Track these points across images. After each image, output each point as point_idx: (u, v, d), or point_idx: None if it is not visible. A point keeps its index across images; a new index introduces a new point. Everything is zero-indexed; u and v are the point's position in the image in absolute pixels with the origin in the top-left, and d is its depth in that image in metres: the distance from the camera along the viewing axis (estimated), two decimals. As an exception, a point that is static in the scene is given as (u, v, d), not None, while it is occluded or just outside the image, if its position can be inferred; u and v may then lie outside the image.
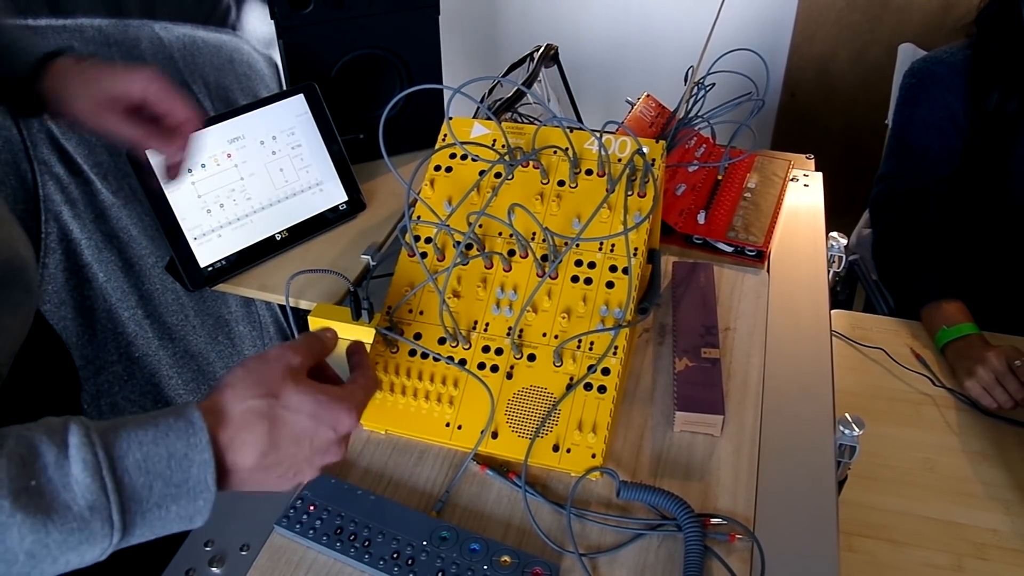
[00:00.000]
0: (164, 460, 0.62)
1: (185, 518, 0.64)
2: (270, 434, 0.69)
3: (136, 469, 0.61)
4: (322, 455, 0.73)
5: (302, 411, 0.71)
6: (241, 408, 0.68)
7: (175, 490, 0.62)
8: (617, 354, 0.95)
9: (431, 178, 1.08)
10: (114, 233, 1.58)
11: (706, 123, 1.31)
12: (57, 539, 0.58)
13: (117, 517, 0.60)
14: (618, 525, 0.88)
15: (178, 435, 0.63)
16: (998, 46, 1.57)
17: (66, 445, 0.59)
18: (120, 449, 0.61)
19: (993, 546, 1.21)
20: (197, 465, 0.63)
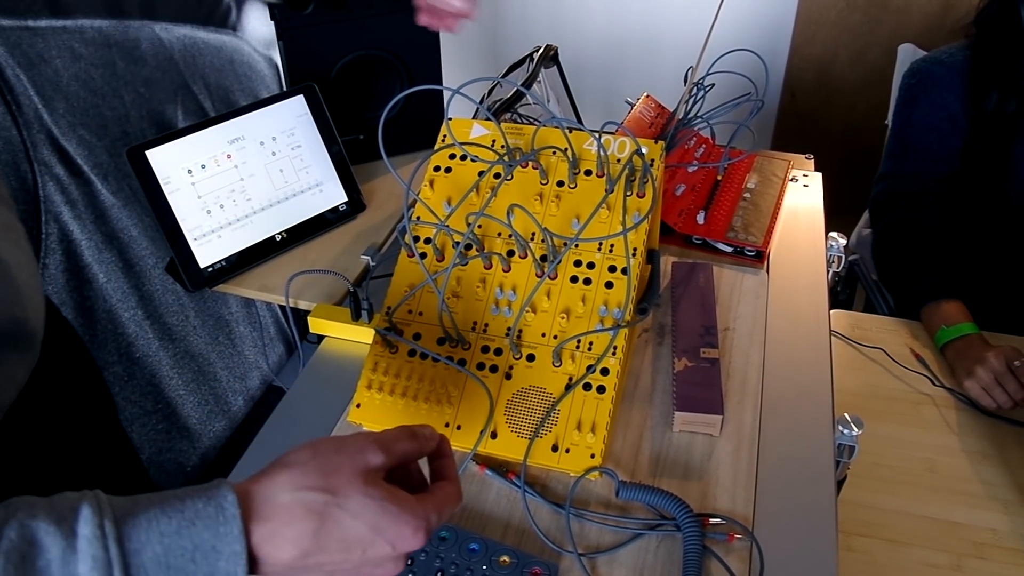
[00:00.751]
0: (188, 554, 0.56)
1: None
2: (317, 535, 0.61)
3: (154, 565, 0.55)
4: (372, 568, 0.64)
5: (361, 518, 0.62)
6: (291, 498, 0.61)
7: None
8: (616, 354, 0.95)
9: (430, 179, 1.08)
10: (114, 234, 1.58)
11: (706, 124, 1.31)
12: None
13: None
14: (617, 525, 0.88)
15: (206, 524, 0.57)
16: (997, 47, 1.57)
17: (75, 536, 0.53)
18: (137, 542, 0.55)
19: (992, 545, 1.21)
20: (226, 558, 0.57)
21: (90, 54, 1.47)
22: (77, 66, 1.44)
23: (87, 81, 1.46)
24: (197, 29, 1.71)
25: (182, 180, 1.17)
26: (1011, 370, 1.37)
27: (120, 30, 1.52)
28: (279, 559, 0.60)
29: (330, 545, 0.61)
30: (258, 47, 1.92)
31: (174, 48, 1.64)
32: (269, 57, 1.97)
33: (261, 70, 1.94)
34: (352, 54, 1.37)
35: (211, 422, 1.93)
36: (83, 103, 1.45)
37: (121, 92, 1.53)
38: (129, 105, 1.55)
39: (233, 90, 1.83)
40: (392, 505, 0.63)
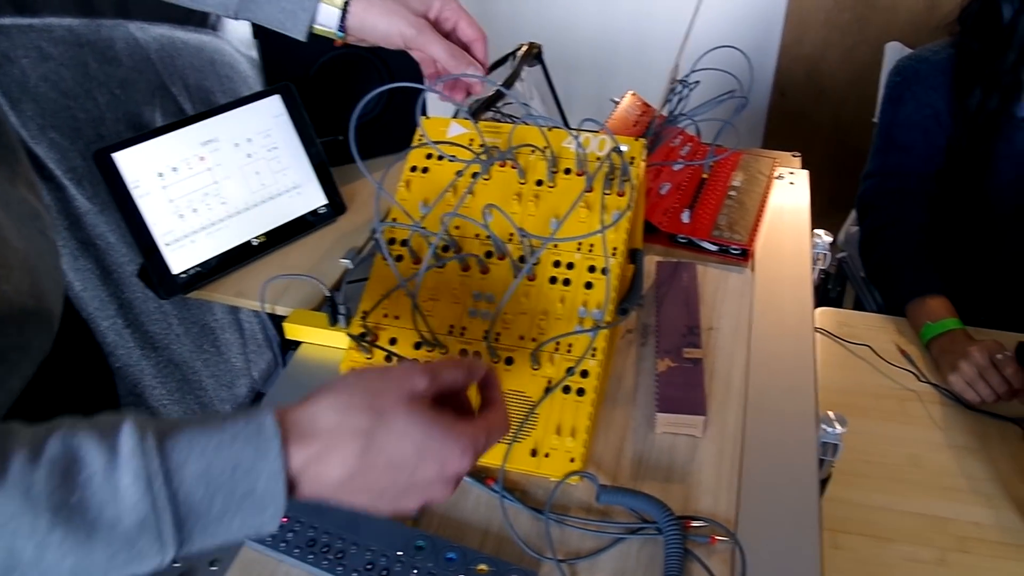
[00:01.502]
0: (228, 471, 0.56)
1: (250, 528, 0.58)
2: (363, 456, 0.61)
3: (195, 481, 0.55)
4: (422, 491, 0.65)
5: (408, 438, 0.63)
6: (337, 419, 0.62)
7: (239, 503, 0.57)
8: (596, 356, 0.93)
9: (407, 179, 1.06)
10: (90, 240, 1.55)
11: (691, 121, 1.30)
12: (101, 559, 0.53)
13: (170, 534, 0.54)
14: (598, 530, 0.87)
15: (245, 442, 0.57)
16: (980, 44, 1.57)
17: (117, 451, 0.54)
18: (178, 458, 0.55)
19: (976, 539, 1.21)
20: (266, 476, 0.57)
21: (60, 54, 1.44)
22: (46, 66, 1.41)
23: (57, 82, 1.43)
24: (175, 28, 1.69)
25: (152, 184, 1.15)
26: (994, 364, 1.37)
27: (92, 29, 1.50)
28: (327, 480, 0.61)
29: (377, 466, 0.62)
30: (240, 47, 1.90)
31: (151, 48, 1.62)
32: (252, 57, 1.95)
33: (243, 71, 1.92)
34: (331, 52, 1.35)
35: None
36: (53, 105, 1.42)
37: (95, 93, 1.50)
38: (104, 107, 1.52)
39: (214, 91, 1.81)
40: (438, 427, 0.64)
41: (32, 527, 0.50)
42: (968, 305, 1.51)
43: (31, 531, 0.50)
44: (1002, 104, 1.56)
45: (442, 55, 0.97)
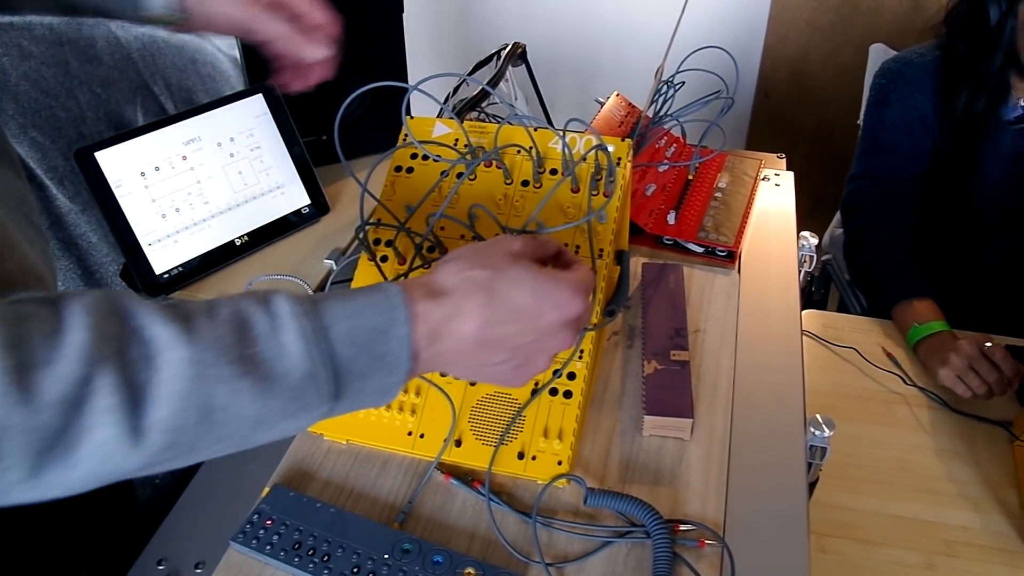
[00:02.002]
0: (367, 333, 0.61)
1: (379, 393, 0.64)
2: (490, 306, 0.67)
3: (342, 340, 0.60)
4: (549, 339, 0.70)
5: (524, 285, 0.68)
6: (458, 279, 0.68)
7: (375, 363, 0.62)
8: (583, 358, 0.93)
9: (392, 179, 1.05)
10: (72, 240, 1.54)
11: (676, 122, 1.29)
12: (278, 406, 0.58)
13: (327, 388, 0.60)
14: (585, 533, 0.86)
15: (378, 309, 0.63)
16: (966, 46, 1.57)
17: (276, 314, 0.59)
18: (327, 319, 0.60)
19: (963, 543, 1.21)
20: (395, 340, 0.63)
21: (41, 52, 1.42)
22: (26, 65, 1.40)
23: (38, 81, 1.41)
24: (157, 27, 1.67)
25: (135, 183, 1.14)
26: (983, 353, 1.37)
27: (73, 28, 1.48)
28: (465, 333, 0.66)
29: (504, 316, 0.67)
30: (222, 47, 1.88)
31: (132, 47, 1.60)
32: (234, 57, 1.93)
33: (225, 70, 1.90)
34: (313, 52, 1.33)
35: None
36: (34, 104, 1.41)
37: (76, 92, 1.49)
38: (85, 106, 1.51)
39: (196, 91, 1.79)
40: (546, 273, 0.70)
41: (224, 375, 0.55)
42: (953, 308, 1.51)
43: (223, 378, 0.55)
44: (988, 107, 1.56)
45: (280, 33, 0.95)
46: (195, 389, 0.54)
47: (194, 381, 0.54)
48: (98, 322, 0.53)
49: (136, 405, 0.52)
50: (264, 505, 0.87)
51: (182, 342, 0.54)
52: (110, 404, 0.51)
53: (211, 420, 0.56)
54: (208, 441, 0.57)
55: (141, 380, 0.53)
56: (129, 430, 0.52)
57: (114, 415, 0.52)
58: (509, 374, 0.72)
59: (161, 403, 0.53)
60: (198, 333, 0.55)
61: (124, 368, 0.52)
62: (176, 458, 0.57)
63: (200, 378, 0.54)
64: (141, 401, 0.53)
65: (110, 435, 0.52)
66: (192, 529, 0.88)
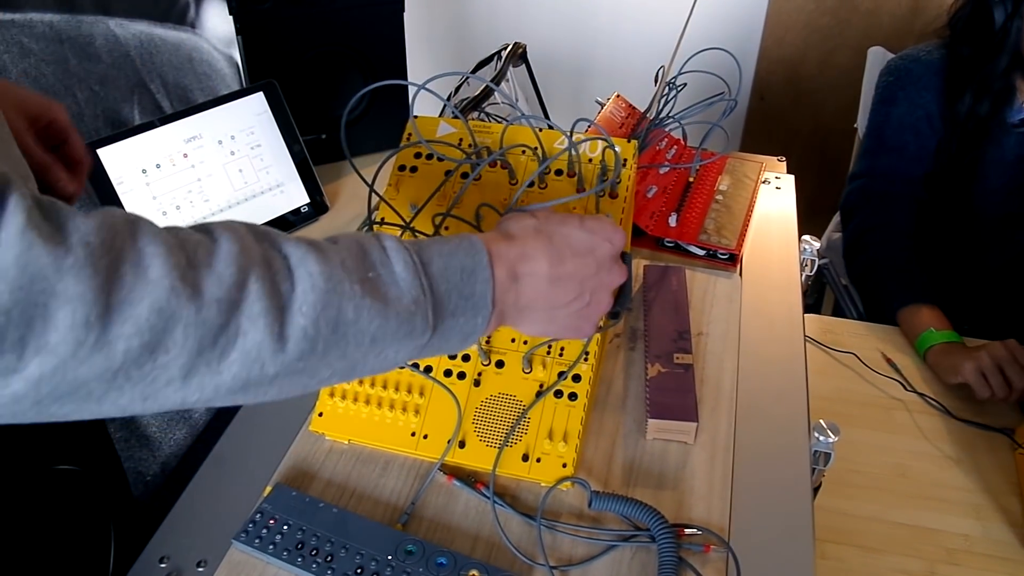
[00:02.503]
0: (458, 272, 0.65)
1: (464, 334, 0.67)
2: (552, 245, 0.72)
3: (439, 276, 0.64)
4: (608, 272, 0.76)
5: (572, 225, 0.75)
6: (519, 226, 0.74)
7: (464, 302, 0.66)
8: (588, 360, 0.92)
9: (395, 178, 1.05)
10: (68, 237, 1.53)
11: (677, 124, 1.29)
12: (393, 327, 0.61)
13: (430, 317, 0.63)
14: (590, 537, 0.86)
15: (466, 253, 0.66)
16: (970, 49, 1.57)
17: (384, 247, 0.63)
18: (427, 256, 0.65)
19: (965, 551, 1.20)
20: (481, 281, 0.66)
21: (40, 50, 1.41)
22: (26, 62, 1.39)
23: (38, 78, 1.40)
24: (154, 25, 1.66)
25: (136, 180, 1.13)
26: (1016, 358, 1.37)
27: (73, 25, 1.47)
28: (539, 270, 0.71)
29: (566, 251, 0.73)
30: (218, 45, 1.87)
31: (130, 45, 1.59)
32: (230, 56, 1.92)
33: (221, 69, 1.89)
34: (314, 50, 1.33)
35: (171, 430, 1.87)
36: (33, 101, 1.40)
37: (74, 90, 1.48)
38: (83, 104, 1.50)
39: (192, 89, 1.78)
40: (583, 215, 0.77)
41: (351, 292, 0.59)
42: (954, 311, 1.51)
43: (351, 295, 0.59)
44: (993, 110, 1.56)
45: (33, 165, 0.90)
46: (329, 301, 0.58)
47: (328, 294, 0.58)
48: (243, 237, 0.57)
49: (281, 312, 0.56)
50: (266, 504, 0.86)
51: (314, 259, 0.58)
52: (261, 308, 0.54)
53: (340, 332, 0.59)
54: (333, 356, 0.59)
55: (284, 289, 0.56)
56: (276, 335, 0.55)
57: (265, 319, 0.55)
58: (580, 317, 0.76)
59: (302, 311, 0.57)
60: (326, 254, 0.59)
61: (271, 278, 0.56)
62: (304, 370, 0.59)
63: (332, 292, 0.58)
64: (285, 308, 0.56)
65: (260, 339, 0.55)
66: (194, 527, 0.87)
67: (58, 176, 0.91)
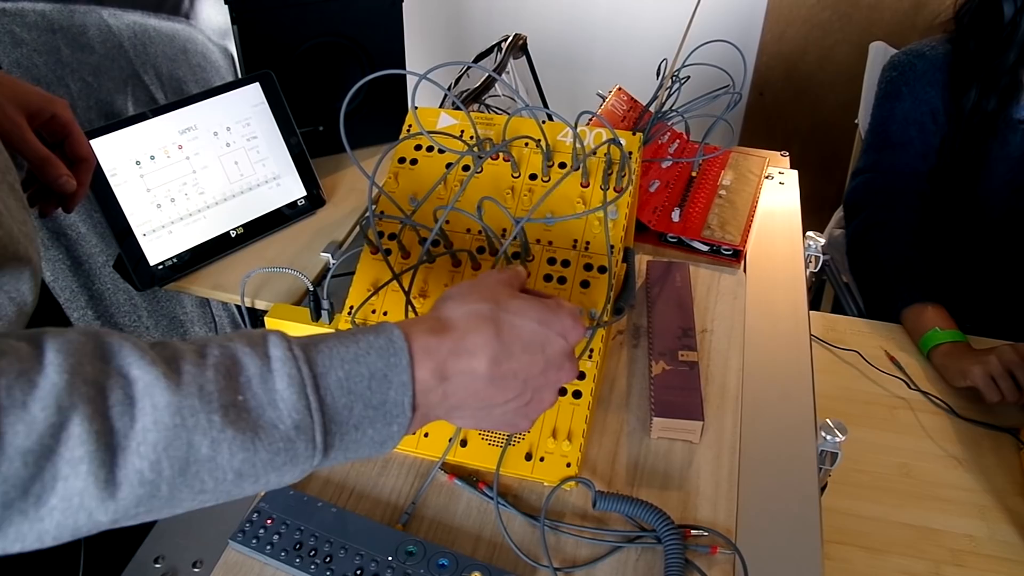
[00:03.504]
0: (365, 380, 0.59)
1: (378, 443, 0.61)
2: (499, 337, 0.64)
3: (338, 388, 0.58)
4: (557, 370, 0.69)
5: (527, 315, 0.67)
6: (464, 312, 0.66)
7: (373, 412, 0.59)
8: (593, 357, 0.90)
9: (395, 171, 1.03)
10: (61, 230, 1.51)
11: (680, 117, 1.27)
12: (264, 458, 0.55)
13: (320, 438, 0.57)
14: (594, 537, 0.84)
15: (379, 354, 0.60)
16: (976, 43, 1.55)
17: (268, 357, 0.56)
18: (322, 366, 0.58)
19: (970, 552, 1.19)
20: (395, 387, 0.60)
21: (33, 39, 1.39)
22: (19, 52, 1.37)
23: (30, 68, 1.38)
24: (148, 16, 1.64)
25: (130, 172, 1.11)
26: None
27: (65, 15, 1.45)
28: (476, 368, 0.63)
29: (514, 348, 0.65)
30: (213, 36, 1.85)
31: (123, 35, 1.57)
32: (224, 47, 1.91)
33: (216, 60, 1.87)
34: (311, 41, 1.31)
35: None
36: (25, 91, 1.38)
37: (67, 80, 1.46)
38: (76, 95, 1.48)
39: (186, 80, 1.76)
40: (544, 302, 0.69)
41: (208, 424, 0.52)
42: (958, 309, 1.50)
43: (207, 428, 0.52)
44: (999, 105, 1.54)
45: (32, 159, 0.90)
46: (175, 439, 0.52)
47: (175, 430, 0.52)
48: (78, 364, 0.50)
49: (111, 455, 0.50)
50: (263, 503, 0.84)
51: (165, 387, 0.52)
52: (83, 453, 0.49)
53: (191, 472, 0.53)
54: (187, 494, 0.54)
55: (120, 426, 0.50)
56: (102, 481, 0.49)
57: (88, 464, 0.49)
58: (517, 415, 0.69)
59: (139, 452, 0.51)
60: (183, 377, 0.53)
61: (101, 415, 0.50)
62: (152, 511, 0.54)
63: (180, 427, 0.52)
64: (117, 451, 0.50)
65: (81, 487, 0.49)
66: (189, 527, 0.85)
67: (58, 172, 0.89)
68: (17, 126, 0.88)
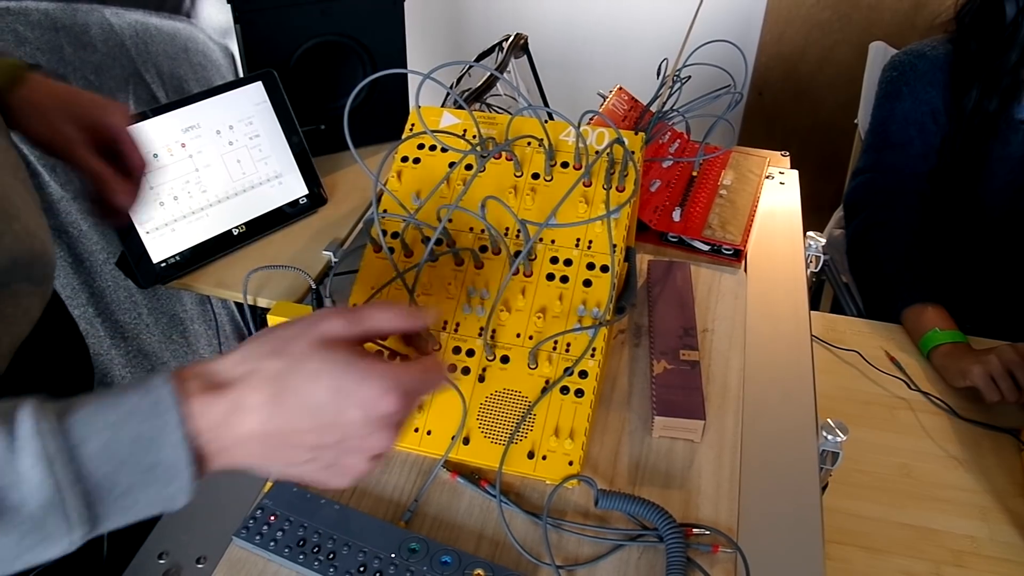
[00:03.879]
0: (129, 445, 0.55)
1: (159, 503, 0.57)
2: (276, 401, 0.59)
3: (98, 458, 0.54)
4: (359, 440, 0.62)
5: (320, 381, 0.60)
6: (245, 369, 0.60)
7: (145, 476, 0.55)
8: (595, 356, 0.91)
9: (398, 170, 1.03)
10: (63, 228, 1.52)
11: (681, 117, 1.28)
12: (11, 542, 0.52)
13: (77, 513, 0.53)
14: (596, 536, 0.84)
15: (144, 417, 0.55)
16: (978, 44, 1.55)
17: (14, 436, 0.52)
18: (79, 436, 0.54)
19: (971, 553, 1.19)
20: (169, 447, 0.55)
21: (36, 38, 1.40)
22: (22, 50, 1.38)
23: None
24: (150, 15, 1.65)
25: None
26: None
27: (68, 13, 1.46)
28: (245, 431, 0.58)
29: (294, 412, 0.59)
30: (214, 35, 1.86)
31: (125, 34, 1.58)
32: (225, 46, 1.91)
33: (217, 60, 1.88)
34: (313, 40, 1.31)
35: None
36: (28, 89, 1.39)
37: (69, 79, 1.47)
38: (78, 92, 1.49)
39: (187, 79, 1.77)
40: (354, 366, 0.61)
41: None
42: (958, 310, 1.50)
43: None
44: (1001, 106, 1.55)
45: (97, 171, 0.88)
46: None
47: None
48: None
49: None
50: (267, 500, 0.84)
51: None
52: None
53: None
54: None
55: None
56: None
57: None
58: (323, 473, 0.64)
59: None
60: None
61: None
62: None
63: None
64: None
65: None
66: (193, 523, 0.85)
67: (112, 189, 0.88)
68: (70, 141, 0.87)
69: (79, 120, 0.88)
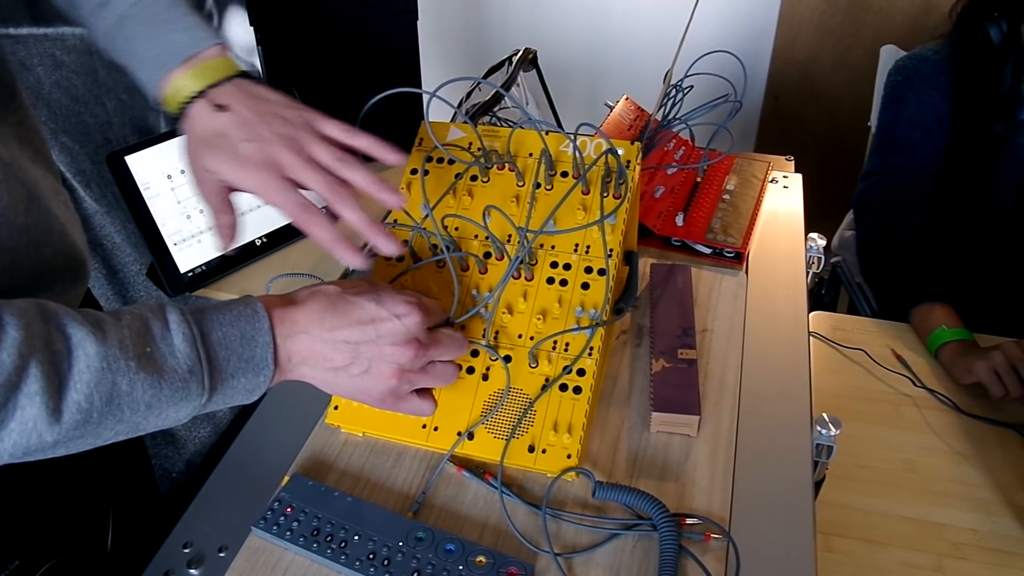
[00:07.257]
0: (237, 339, 0.74)
1: (248, 390, 0.77)
2: (334, 309, 0.80)
3: (218, 344, 0.73)
4: (391, 347, 0.82)
5: (366, 296, 0.82)
6: (309, 291, 0.83)
7: (244, 365, 0.75)
8: (592, 355, 0.95)
9: (407, 181, 1.08)
10: (97, 240, 1.58)
11: (684, 125, 1.31)
12: (167, 395, 0.70)
13: (207, 382, 0.72)
14: (593, 525, 0.88)
15: (247, 320, 0.76)
16: (973, 67, 1.57)
17: (167, 320, 0.72)
18: (207, 327, 0.73)
19: (973, 546, 1.21)
20: (260, 346, 0.76)
21: (72, 61, 1.46)
22: (59, 73, 1.44)
23: (69, 88, 1.46)
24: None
25: (162, 185, 1.17)
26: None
27: (101, 37, 1.52)
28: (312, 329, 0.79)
29: (346, 318, 0.81)
30: (240, 54, 1.91)
31: (156, 55, 1.63)
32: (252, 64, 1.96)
33: (243, 77, 1.93)
34: (331, 59, 1.37)
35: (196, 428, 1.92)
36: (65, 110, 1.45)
37: (103, 99, 1.53)
38: (111, 112, 1.55)
39: (216, 97, 1.82)
40: (387, 288, 0.86)
41: (126, 368, 0.67)
42: (967, 309, 1.52)
43: (126, 370, 0.67)
44: (1003, 119, 1.56)
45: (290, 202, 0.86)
46: (103, 379, 0.66)
47: (102, 372, 0.66)
48: (28, 323, 0.64)
49: (58, 389, 0.64)
50: (284, 493, 0.89)
51: (93, 340, 0.66)
52: (38, 387, 0.63)
53: (114, 404, 0.67)
54: (110, 422, 0.68)
55: (62, 368, 0.65)
56: (51, 409, 0.64)
57: (41, 396, 0.63)
58: (362, 382, 0.83)
59: (76, 388, 0.65)
60: (107, 333, 0.67)
61: (50, 360, 0.64)
62: (85, 435, 0.68)
63: (107, 370, 0.66)
64: (62, 386, 0.65)
65: (36, 412, 0.63)
66: (216, 515, 0.90)
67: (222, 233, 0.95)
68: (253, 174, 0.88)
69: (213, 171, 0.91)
